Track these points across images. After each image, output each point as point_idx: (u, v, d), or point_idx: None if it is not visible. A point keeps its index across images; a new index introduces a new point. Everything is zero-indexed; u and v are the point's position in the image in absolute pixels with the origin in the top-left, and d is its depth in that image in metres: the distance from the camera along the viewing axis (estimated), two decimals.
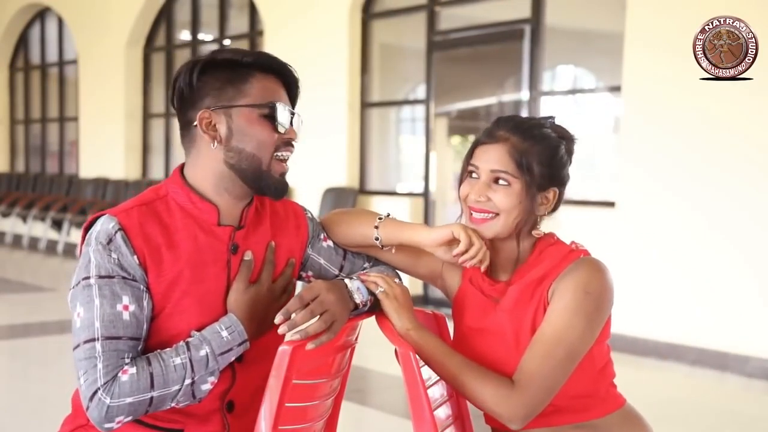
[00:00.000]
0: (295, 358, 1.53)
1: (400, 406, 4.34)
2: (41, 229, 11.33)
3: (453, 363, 1.68)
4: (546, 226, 1.80)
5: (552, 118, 1.80)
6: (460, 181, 1.78)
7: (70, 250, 10.73)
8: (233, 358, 1.61)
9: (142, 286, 1.58)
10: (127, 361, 1.54)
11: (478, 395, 1.65)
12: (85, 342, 1.53)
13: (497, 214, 1.71)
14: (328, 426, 1.82)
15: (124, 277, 1.56)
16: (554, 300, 1.67)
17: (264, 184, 1.67)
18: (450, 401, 1.84)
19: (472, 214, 1.73)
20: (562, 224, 1.83)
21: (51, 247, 11.19)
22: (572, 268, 1.69)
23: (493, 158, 1.71)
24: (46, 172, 12.85)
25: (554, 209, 1.78)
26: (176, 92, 1.67)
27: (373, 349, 2.77)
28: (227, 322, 1.60)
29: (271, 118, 1.65)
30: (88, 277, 1.56)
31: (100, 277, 1.55)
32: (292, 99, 1.73)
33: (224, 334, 1.59)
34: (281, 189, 1.70)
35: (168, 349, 1.57)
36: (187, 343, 1.57)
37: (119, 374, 1.52)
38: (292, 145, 1.70)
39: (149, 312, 1.59)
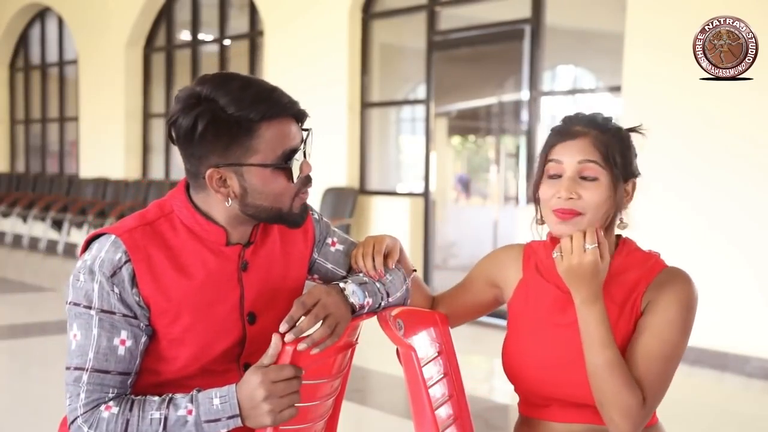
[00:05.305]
0: (296, 359, 1.53)
1: (401, 406, 4.34)
2: (41, 229, 11.33)
3: (607, 353, 1.61)
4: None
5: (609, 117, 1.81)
6: (536, 185, 1.72)
7: (70, 250, 10.73)
8: (223, 430, 1.49)
9: (142, 324, 1.55)
10: (111, 395, 1.52)
11: (610, 396, 1.61)
12: (76, 368, 1.52)
13: (584, 215, 1.66)
14: (328, 426, 1.81)
15: (125, 315, 1.53)
16: (656, 312, 1.65)
17: (285, 221, 1.63)
18: (451, 401, 1.84)
19: (557, 216, 1.67)
20: None
21: (51, 247, 11.19)
22: (667, 278, 1.69)
23: (579, 150, 1.67)
24: (46, 172, 12.85)
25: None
26: (176, 131, 1.54)
27: (374, 349, 2.77)
28: (224, 391, 1.50)
29: (285, 169, 1.56)
30: (89, 307, 1.52)
31: (102, 311, 1.52)
32: (300, 120, 1.59)
33: (216, 401, 1.49)
34: (302, 220, 1.65)
35: (156, 398, 1.52)
36: (171, 398, 1.51)
37: (102, 408, 1.51)
38: (311, 178, 1.61)
39: (144, 346, 1.57)
